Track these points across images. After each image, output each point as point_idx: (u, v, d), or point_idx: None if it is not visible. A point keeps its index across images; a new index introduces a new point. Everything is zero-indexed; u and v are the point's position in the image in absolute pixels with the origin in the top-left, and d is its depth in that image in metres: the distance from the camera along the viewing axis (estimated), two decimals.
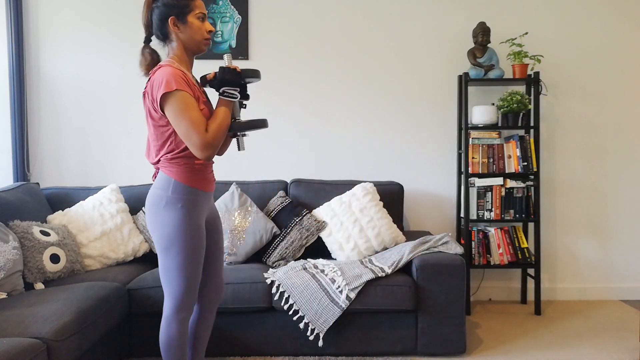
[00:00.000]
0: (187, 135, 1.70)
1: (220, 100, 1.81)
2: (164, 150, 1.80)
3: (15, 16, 3.42)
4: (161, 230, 1.79)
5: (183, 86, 1.72)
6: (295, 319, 2.58)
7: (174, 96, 1.70)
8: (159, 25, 1.84)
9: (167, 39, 1.86)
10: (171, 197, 1.77)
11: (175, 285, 1.81)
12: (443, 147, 3.61)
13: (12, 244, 2.42)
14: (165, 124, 1.77)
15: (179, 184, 1.78)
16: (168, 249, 1.79)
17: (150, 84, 1.76)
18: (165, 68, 1.75)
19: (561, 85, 3.61)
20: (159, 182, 1.81)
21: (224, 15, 3.53)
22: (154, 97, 1.73)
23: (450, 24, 3.57)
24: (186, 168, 1.80)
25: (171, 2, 1.81)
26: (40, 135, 3.56)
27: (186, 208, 1.79)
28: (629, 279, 3.67)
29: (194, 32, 1.83)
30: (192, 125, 1.70)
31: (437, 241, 2.81)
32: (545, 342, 2.86)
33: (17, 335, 1.90)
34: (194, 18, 1.83)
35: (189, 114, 1.70)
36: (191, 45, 1.86)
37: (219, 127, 1.75)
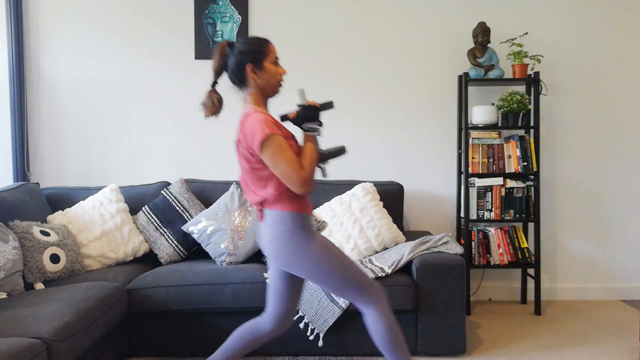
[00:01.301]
0: (286, 175, 1.78)
1: (306, 136, 1.90)
2: (269, 189, 1.86)
3: (15, 16, 3.42)
4: (301, 259, 1.85)
5: (274, 129, 1.79)
6: (295, 319, 2.58)
7: (269, 141, 1.77)
8: (235, 72, 1.90)
9: (243, 85, 1.92)
10: (292, 227, 1.85)
11: (353, 286, 1.87)
12: (443, 147, 3.61)
13: (12, 244, 2.42)
14: (262, 166, 1.84)
15: (293, 214, 1.85)
16: (319, 270, 1.85)
17: (243, 133, 1.82)
18: (254, 115, 1.82)
19: (561, 85, 3.61)
20: (274, 220, 1.87)
21: (224, 15, 3.53)
22: (249, 145, 1.80)
23: (450, 24, 3.57)
24: (293, 199, 1.87)
25: (247, 49, 1.88)
26: (40, 135, 3.56)
27: (307, 230, 1.87)
28: (629, 279, 3.67)
29: (271, 76, 1.91)
30: (289, 166, 1.77)
31: (437, 241, 2.81)
32: (545, 342, 2.86)
33: (17, 335, 1.90)
34: (269, 63, 1.90)
35: (284, 156, 1.78)
36: (267, 89, 1.93)
37: (310, 162, 1.83)
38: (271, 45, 1.92)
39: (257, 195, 1.89)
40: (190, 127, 3.59)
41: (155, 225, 3.06)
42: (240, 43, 1.90)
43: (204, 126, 3.58)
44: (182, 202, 3.11)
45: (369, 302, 1.89)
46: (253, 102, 1.92)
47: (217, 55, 1.91)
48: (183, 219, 3.07)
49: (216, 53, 1.91)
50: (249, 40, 1.90)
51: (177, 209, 3.09)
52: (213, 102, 1.92)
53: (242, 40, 1.91)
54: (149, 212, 3.09)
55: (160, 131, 3.58)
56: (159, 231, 3.05)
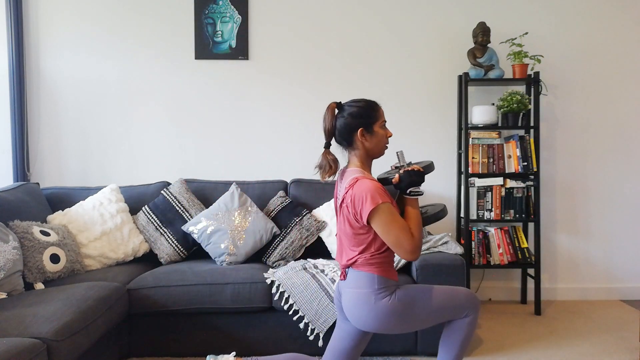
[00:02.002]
0: (398, 244, 1.78)
1: (410, 200, 1.89)
2: (366, 254, 1.85)
3: (15, 16, 3.42)
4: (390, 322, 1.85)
5: (385, 198, 1.79)
6: (295, 319, 2.58)
7: (380, 210, 1.76)
8: (345, 135, 1.90)
9: (350, 147, 1.92)
10: (378, 289, 1.84)
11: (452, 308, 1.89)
12: (443, 147, 3.61)
13: (12, 244, 2.42)
14: (365, 232, 1.84)
15: (382, 278, 1.85)
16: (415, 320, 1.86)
17: (352, 198, 1.81)
18: (364, 182, 1.80)
19: (561, 85, 3.61)
20: (360, 282, 1.86)
21: (224, 15, 3.53)
22: (358, 211, 1.79)
23: (450, 24, 3.57)
24: (384, 265, 1.87)
25: (358, 113, 1.88)
26: (40, 135, 3.56)
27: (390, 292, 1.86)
28: (629, 279, 3.66)
29: (379, 140, 1.91)
30: (401, 234, 1.78)
31: (437, 241, 2.81)
32: (545, 342, 2.86)
33: (17, 335, 1.90)
34: (378, 127, 1.90)
35: (395, 225, 1.78)
36: (374, 152, 1.93)
37: (419, 228, 1.84)
38: (381, 109, 1.92)
39: (351, 257, 1.88)
40: (190, 127, 3.58)
41: (155, 225, 3.06)
42: (351, 106, 1.89)
43: (204, 126, 3.58)
44: (182, 202, 3.11)
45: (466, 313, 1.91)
46: (359, 165, 1.91)
47: (328, 116, 1.90)
48: (183, 219, 3.07)
49: (327, 113, 1.90)
50: (360, 104, 1.89)
51: (177, 209, 3.09)
52: (330, 164, 1.92)
53: (354, 103, 1.90)
54: (149, 212, 3.09)
55: (160, 131, 3.58)
56: (159, 231, 3.05)
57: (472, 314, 1.92)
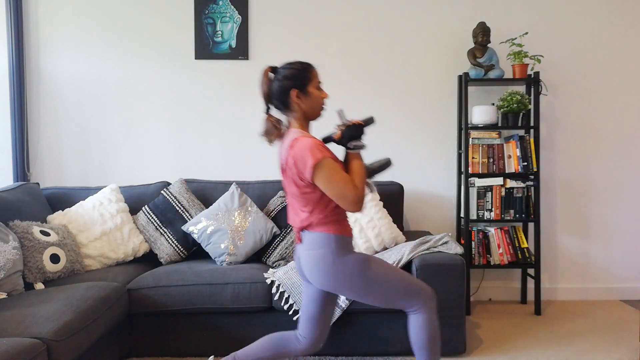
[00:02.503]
0: (342, 196, 1.80)
1: (352, 154, 1.91)
2: (316, 214, 1.87)
3: (15, 16, 3.42)
4: (347, 282, 1.86)
5: (325, 152, 1.81)
6: (295, 319, 2.58)
7: (321, 165, 1.79)
8: (280, 97, 1.91)
9: (287, 109, 1.93)
10: (335, 248, 1.86)
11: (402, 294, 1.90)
12: (443, 147, 3.61)
13: (12, 244, 2.42)
14: (311, 190, 1.85)
15: (338, 236, 1.87)
16: (368, 289, 1.87)
17: (293, 158, 1.82)
18: (302, 140, 1.82)
19: (561, 85, 3.61)
20: (317, 243, 1.88)
21: (224, 15, 3.53)
22: (300, 170, 1.81)
23: (450, 24, 3.57)
24: (338, 223, 1.89)
25: (292, 75, 1.88)
26: (40, 135, 3.56)
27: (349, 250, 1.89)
28: (629, 279, 3.67)
29: (314, 101, 1.92)
30: (344, 186, 1.80)
31: (437, 241, 2.81)
32: (545, 342, 2.86)
33: (17, 335, 1.90)
34: (313, 88, 1.91)
35: (338, 178, 1.80)
36: (311, 113, 1.94)
37: (362, 179, 1.86)
38: (315, 70, 1.93)
39: (303, 218, 1.89)
40: (191, 127, 3.59)
41: (155, 225, 3.06)
42: (284, 68, 1.90)
43: (204, 126, 3.58)
44: (182, 202, 3.11)
45: (420, 307, 1.92)
46: (298, 127, 1.92)
47: (264, 81, 1.92)
48: (183, 219, 3.07)
49: (263, 78, 1.92)
50: (293, 65, 1.90)
51: (177, 209, 3.09)
52: (275, 126, 1.92)
53: (287, 65, 1.91)
54: (149, 212, 3.09)
55: (160, 131, 3.58)
56: (159, 231, 3.05)
57: (425, 310, 1.91)
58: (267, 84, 1.92)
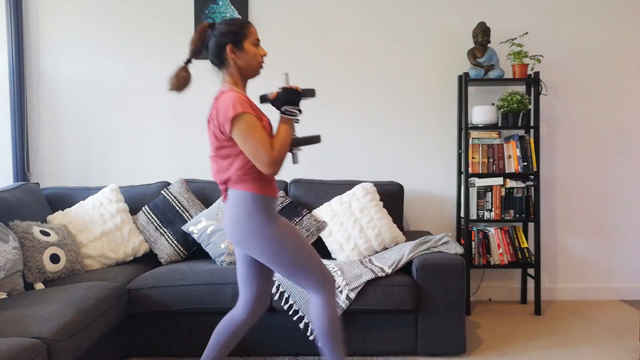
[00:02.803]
0: (256, 154, 1.79)
1: (282, 118, 1.90)
2: (234, 168, 1.86)
3: (15, 16, 3.42)
4: (260, 242, 1.86)
5: (247, 108, 1.80)
6: (296, 319, 2.58)
7: (240, 119, 1.78)
8: (216, 53, 1.90)
9: (223, 65, 1.92)
10: (253, 209, 1.85)
11: (308, 273, 1.89)
12: (443, 147, 3.61)
13: (12, 244, 2.42)
14: (231, 144, 1.84)
15: (257, 195, 1.86)
16: (278, 254, 1.86)
17: (216, 110, 1.83)
18: (228, 93, 1.82)
19: (561, 85, 3.61)
20: (236, 200, 1.87)
21: (224, 15, 3.53)
22: (220, 122, 1.80)
23: (450, 24, 3.57)
24: (258, 180, 1.88)
25: (227, 30, 1.88)
26: (40, 135, 3.56)
27: (269, 214, 1.87)
28: (629, 279, 3.67)
29: (250, 58, 1.91)
30: (260, 144, 1.78)
31: (437, 241, 2.81)
32: (545, 342, 2.86)
33: (17, 335, 1.90)
34: (249, 44, 1.90)
35: (255, 135, 1.79)
36: (247, 71, 1.93)
37: (282, 144, 1.84)
38: (252, 26, 1.92)
39: (223, 174, 1.89)
40: (191, 127, 3.59)
41: (155, 225, 3.06)
42: (221, 24, 1.90)
43: (204, 126, 3.58)
44: (182, 202, 3.11)
45: (319, 289, 1.90)
46: (231, 83, 1.92)
47: (197, 36, 1.91)
48: (183, 219, 3.07)
49: (196, 33, 1.91)
50: (230, 22, 1.90)
51: (177, 209, 3.09)
52: (179, 79, 1.90)
53: (223, 21, 1.91)
54: (149, 212, 3.09)
55: (160, 131, 3.58)
56: (159, 231, 3.05)
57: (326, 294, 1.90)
58: (198, 39, 1.90)
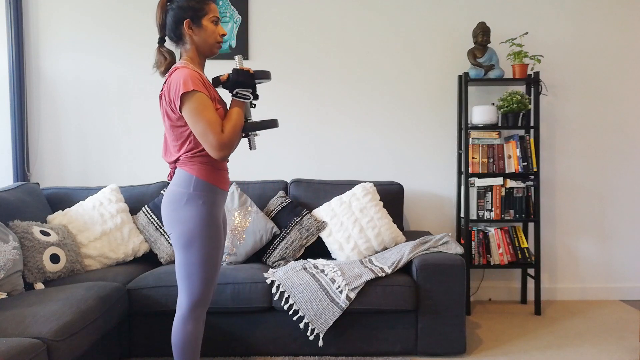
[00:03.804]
0: (204, 135, 1.74)
1: (234, 101, 1.86)
2: (184, 149, 1.82)
3: (15, 16, 3.42)
4: (182, 226, 1.80)
5: (200, 87, 1.75)
6: (295, 319, 2.58)
7: (192, 97, 1.73)
8: (172, 28, 1.87)
9: (180, 41, 1.89)
10: (193, 193, 1.80)
11: (195, 281, 1.82)
12: (443, 147, 3.61)
13: (12, 244, 2.42)
14: (183, 124, 1.79)
15: (200, 181, 1.81)
16: (189, 246, 1.80)
17: (168, 85, 1.79)
18: (181, 70, 1.78)
19: (561, 85, 3.61)
20: (178, 180, 1.83)
21: (224, 15, 3.53)
22: (171, 99, 1.76)
23: (450, 24, 3.57)
24: (207, 166, 1.83)
25: (186, 5, 1.84)
26: (40, 135, 3.56)
27: (208, 205, 1.81)
28: (629, 279, 3.66)
29: (208, 35, 1.87)
30: (209, 125, 1.73)
31: (437, 241, 2.81)
32: (545, 342, 2.86)
33: (17, 335, 1.90)
34: (208, 21, 1.86)
35: (205, 115, 1.73)
36: (204, 48, 1.89)
37: (233, 127, 1.79)
38: (212, 4, 1.88)
39: (172, 154, 1.85)
40: None
41: (155, 225, 3.06)
42: None
43: None
44: None
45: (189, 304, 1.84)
46: (187, 59, 1.87)
47: (159, 10, 1.87)
48: None
49: (158, 7, 1.87)
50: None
51: None
52: (164, 57, 1.88)
53: None
54: (149, 212, 3.09)
55: (160, 131, 3.58)
56: (159, 231, 3.05)
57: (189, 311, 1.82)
58: (162, 14, 1.86)
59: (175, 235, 1.82)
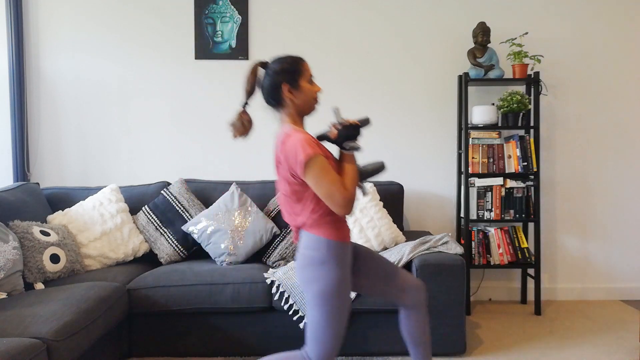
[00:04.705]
0: (330, 196, 1.75)
1: (346, 155, 1.87)
2: (308, 211, 1.83)
3: (15, 16, 3.42)
4: (318, 287, 1.82)
5: (317, 149, 1.76)
6: (295, 319, 2.58)
7: (312, 163, 1.74)
8: (271, 93, 1.87)
9: (279, 105, 1.90)
10: (327, 255, 1.81)
11: (328, 336, 1.84)
12: (443, 147, 3.61)
13: (12, 244, 2.42)
14: (302, 188, 1.81)
15: (332, 242, 1.82)
16: (324, 304, 1.82)
17: (284, 154, 1.78)
18: (294, 136, 1.78)
19: (561, 85, 3.61)
20: (310, 243, 1.83)
21: (224, 15, 3.53)
22: (291, 166, 1.77)
23: (450, 24, 3.57)
24: (334, 224, 1.84)
25: (282, 69, 1.85)
26: (40, 135, 3.56)
27: (341, 265, 1.83)
28: (629, 279, 3.66)
29: (307, 95, 1.88)
30: (333, 187, 1.75)
31: (437, 241, 2.81)
32: (545, 342, 2.86)
33: (17, 335, 1.90)
34: (305, 82, 1.87)
35: (327, 177, 1.75)
36: (304, 108, 1.90)
37: (352, 181, 1.81)
38: (306, 63, 1.89)
39: (296, 217, 1.86)
40: (190, 127, 3.58)
41: (155, 225, 3.06)
42: (274, 63, 1.87)
43: (204, 126, 3.58)
44: (182, 202, 3.11)
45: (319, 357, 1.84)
46: (290, 122, 1.88)
47: (249, 76, 1.88)
48: (183, 219, 3.07)
49: (249, 73, 1.88)
50: (283, 60, 1.87)
51: (177, 209, 3.09)
52: (243, 124, 1.90)
53: (276, 59, 1.88)
54: (149, 212, 3.09)
55: (160, 131, 3.58)
56: (159, 231, 3.05)
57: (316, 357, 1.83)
58: (252, 80, 1.87)
59: (310, 295, 1.84)
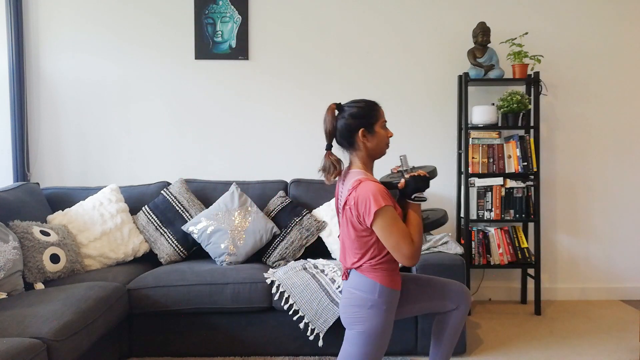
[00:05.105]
0: (397, 248, 1.77)
1: (412, 205, 1.88)
2: (367, 257, 1.85)
3: (15, 16, 3.42)
4: (363, 326, 1.84)
5: (388, 201, 1.78)
6: (295, 319, 2.58)
7: (383, 213, 1.75)
8: (346, 136, 1.89)
9: (351, 147, 1.91)
10: (378, 300, 1.83)
11: None
12: (443, 147, 3.61)
13: (12, 244, 2.42)
14: (368, 234, 1.82)
15: (385, 288, 1.84)
16: (366, 344, 1.85)
17: (355, 199, 1.80)
18: (367, 184, 1.79)
19: (561, 85, 3.61)
20: (361, 285, 1.86)
21: (224, 15, 3.53)
22: (361, 213, 1.78)
23: (450, 24, 3.57)
24: (389, 272, 1.86)
25: (359, 114, 1.87)
26: (40, 135, 3.56)
27: (390, 310, 1.86)
28: (630, 279, 3.66)
29: (380, 140, 1.90)
30: (401, 238, 1.76)
31: (437, 241, 2.81)
32: (545, 342, 2.86)
33: (17, 335, 1.90)
34: (379, 127, 1.89)
35: (396, 229, 1.77)
36: (376, 152, 1.92)
37: (419, 233, 1.83)
38: (381, 109, 1.91)
39: (355, 260, 1.87)
40: (190, 127, 3.58)
41: (155, 225, 3.06)
42: (350, 106, 1.88)
43: (204, 126, 3.58)
44: (182, 202, 3.11)
45: None
46: (361, 165, 1.91)
47: (329, 118, 1.89)
48: (183, 219, 3.07)
49: (327, 115, 1.89)
50: (359, 104, 1.89)
51: (177, 209, 3.09)
52: (333, 164, 1.91)
53: (354, 103, 1.89)
54: (149, 212, 3.09)
55: (160, 131, 3.58)
56: (159, 231, 3.05)
57: None
58: (332, 121, 1.88)
59: (354, 333, 1.87)
